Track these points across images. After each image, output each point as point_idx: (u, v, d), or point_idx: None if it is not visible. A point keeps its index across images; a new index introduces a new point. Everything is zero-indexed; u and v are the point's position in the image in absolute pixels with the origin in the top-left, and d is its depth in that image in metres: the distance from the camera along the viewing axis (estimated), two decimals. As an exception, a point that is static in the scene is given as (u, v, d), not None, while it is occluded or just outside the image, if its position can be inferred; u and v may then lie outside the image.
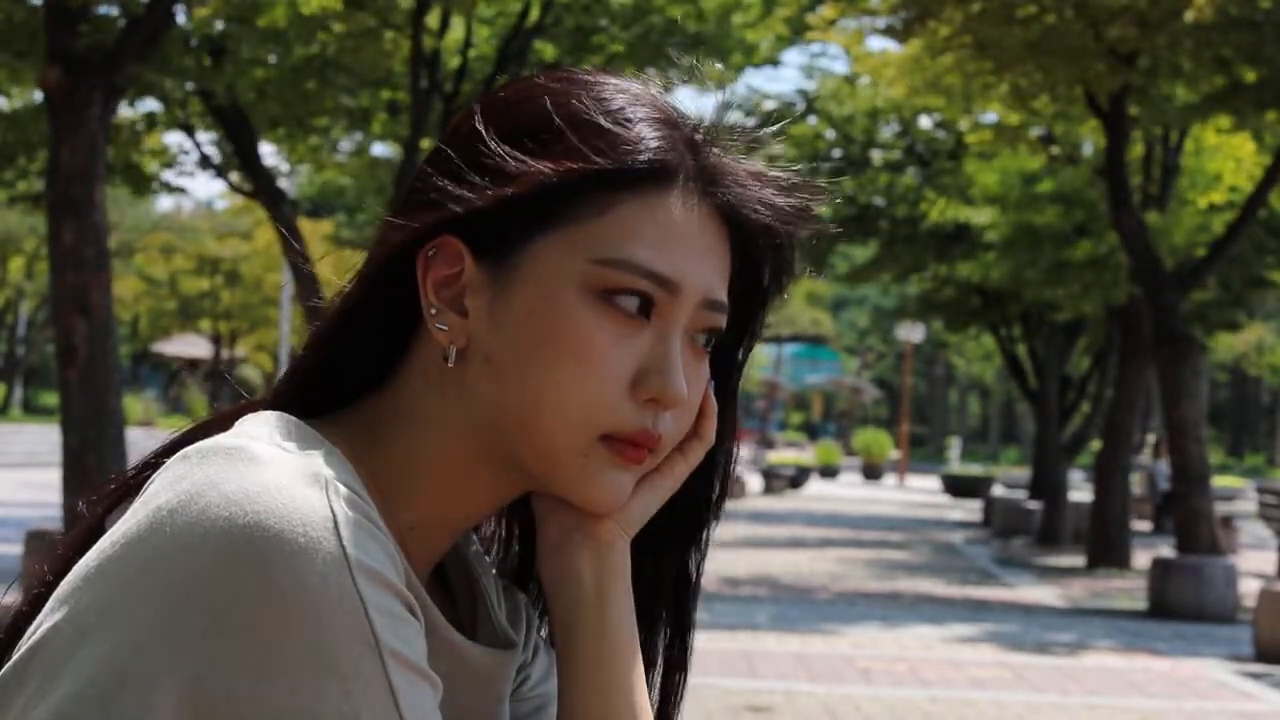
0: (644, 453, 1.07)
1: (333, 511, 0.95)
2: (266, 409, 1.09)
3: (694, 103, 1.13)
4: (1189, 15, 12.91)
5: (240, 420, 1.06)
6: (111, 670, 0.93)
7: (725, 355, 1.18)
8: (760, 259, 1.15)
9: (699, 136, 1.10)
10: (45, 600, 1.01)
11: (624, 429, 1.05)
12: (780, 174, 1.13)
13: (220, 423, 1.09)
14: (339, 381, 1.11)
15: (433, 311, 1.07)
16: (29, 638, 0.98)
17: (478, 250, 1.07)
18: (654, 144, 1.07)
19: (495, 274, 1.07)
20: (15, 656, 0.99)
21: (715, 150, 1.10)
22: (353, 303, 1.10)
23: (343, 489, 0.98)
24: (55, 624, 0.97)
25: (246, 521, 0.93)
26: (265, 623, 0.92)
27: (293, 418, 1.06)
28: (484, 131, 1.08)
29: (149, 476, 1.04)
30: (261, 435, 1.02)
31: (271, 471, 0.96)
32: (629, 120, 1.07)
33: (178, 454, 1.02)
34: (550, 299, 1.05)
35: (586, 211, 1.06)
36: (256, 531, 0.93)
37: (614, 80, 1.10)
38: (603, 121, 1.07)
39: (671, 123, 1.09)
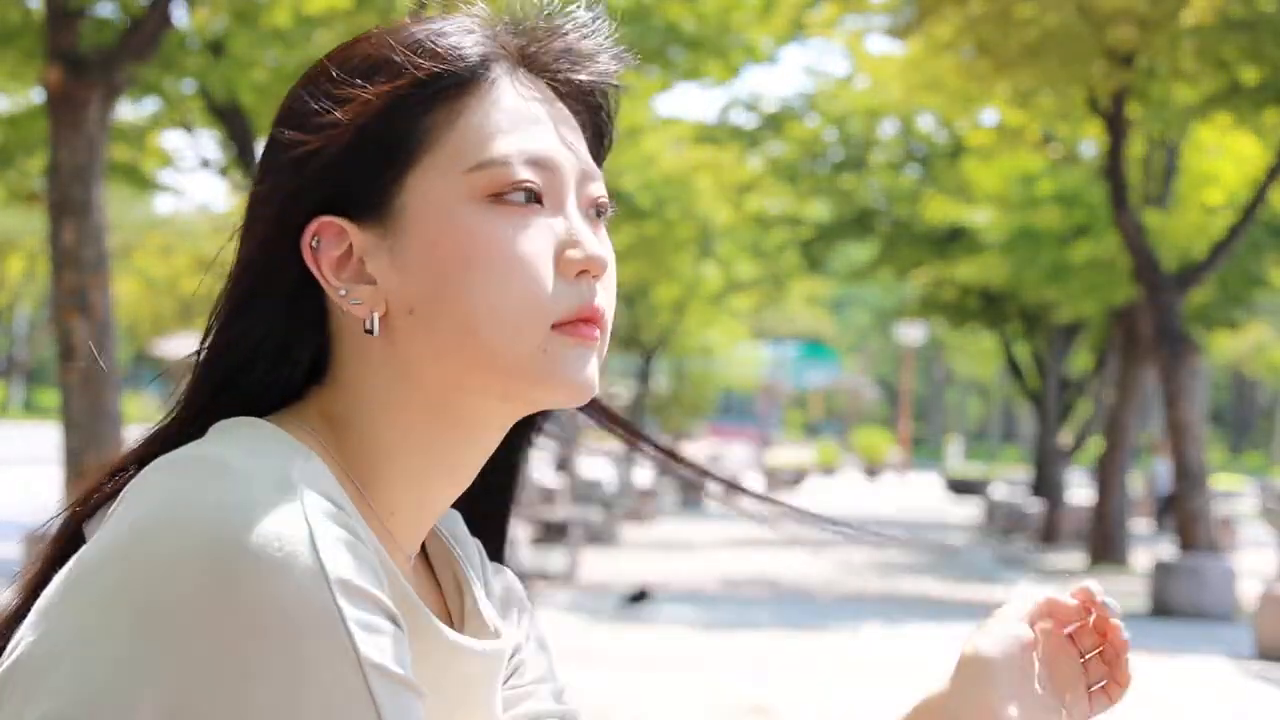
0: (594, 329, 1.07)
1: (308, 524, 0.94)
2: (208, 408, 1.07)
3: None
4: (1188, 18, 12.90)
5: (213, 428, 1.05)
6: (88, 689, 0.92)
7: None
8: (585, 115, 1.16)
9: (511, 28, 1.12)
10: (26, 611, 1.00)
11: (568, 310, 1.06)
12: (575, 20, 1.15)
13: (181, 424, 1.08)
14: (268, 374, 1.09)
15: (342, 294, 1.06)
16: (9, 654, 0.98)
17: (355, 217, 1.06)
18: (471, 43, 1.09)
19: (384, 229, 1.06)
20: (0, 670, 0.98)
21: (519, 33, 1.12)
22: (247, 295, 1.08)
23: (318, 498, 0.97)
24: (33, 641, 0.96)
25: (221, 537, 0.92)
26: (243, 640, 0.91)
27: (263, 422, 1.05)
28: (316, 82, 1.08)
29: (124, 482, 1.02)
30: (235, 444, 1.01)
31: (246, 484, 0.95)
32: (444, 34, 1.09)
33: (152, 464, 1.01)
34: (445, 223, 1.05)
35: (438, 130, 1.06)
36: (232, 548, 0.92)
37: (429, 16, 1.12)
38: (419, 42, 1.08)
39: (485, 24, 1.11)
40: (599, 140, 1.17)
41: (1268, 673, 10.76)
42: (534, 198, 1.06)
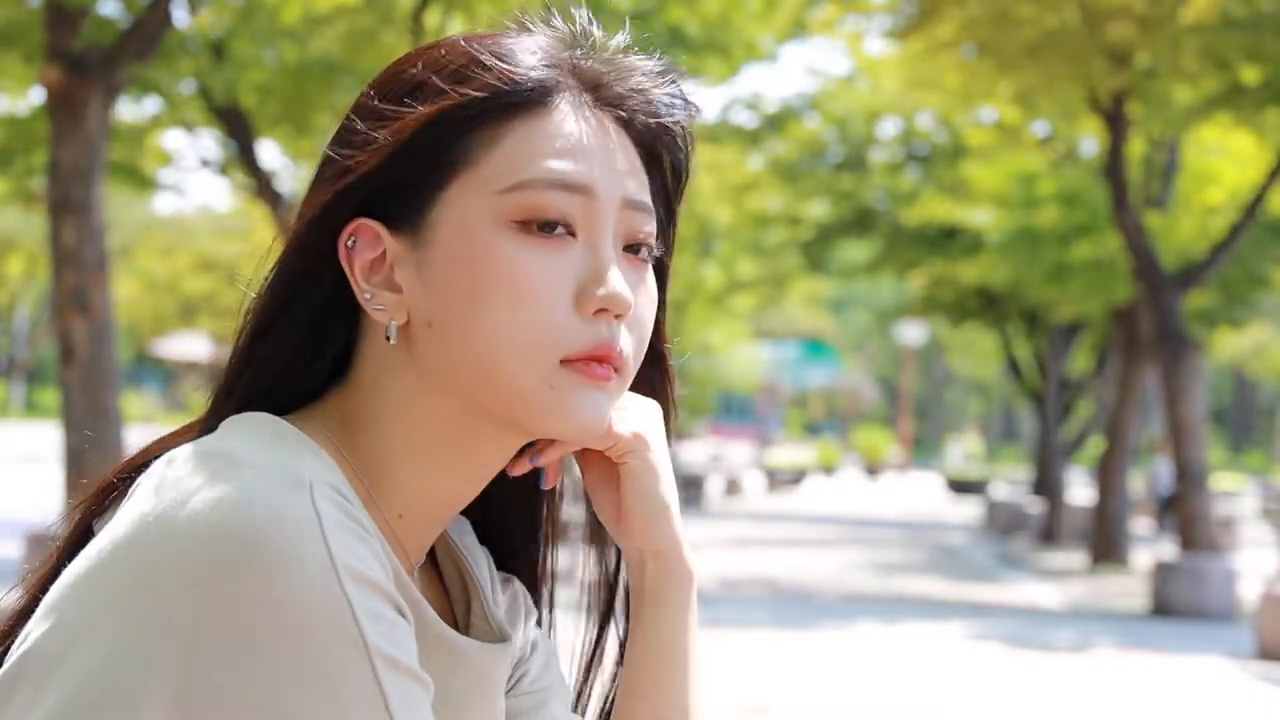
0: (609, 370, 1.06)
1: (318, 515, 0.95)
2: (235, 409, 1.08)
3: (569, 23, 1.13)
4: (1187, 17, 12.89)
5: (224, 423, 1.05)
6: (100, 679, 0.92)
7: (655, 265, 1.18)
8: (658, 155, 1.15)
9: (577, 53, 1.11)
10: (35, 606, 1.00)
11: (579, 348, 1.04)
12: (651, 63, 1.14)
13: (203, 426, 1.09)
14: (296, 376, 1.10)
15: (367, 296, 1.07)
16: (19, 646, 0.98)
17: (392, 224, 1.07)
18: (530, 66, 1.08)
19: (414, 240, 1.06)
20: (6, 665, 0.98)
21: (593, 62, 1.11)
22: (284, 298, 1.09)
23: (327, 491, 0.97)
24: (44, 632, 0.96)
25: (231, 528, 0.93)
26: (252, 628, 0.91)
27: (276, 418, 1.05)
28: (366, 102, 1.09)
29: (135, 479, 1.03)
30: (245, 438, 1.01)
31: (255, 476, 0.96)
32: (503, 54, 1.08)
33: (162, 458, 1.02)
34: (469, 243, 1.04)
35: (480, 150, 1.05)
36: (242, 537, 0.92)
37: (489, 32, 1.11)
38: (477, 60, 1.07)
39: (546, 49, 1.10)
40: (676, 179, 1.16)
41: (1268, 673, 10.76)
42: (566, 229, 1.05)
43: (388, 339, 1.06)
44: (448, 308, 1.05)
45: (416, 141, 1.05)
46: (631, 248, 1.09)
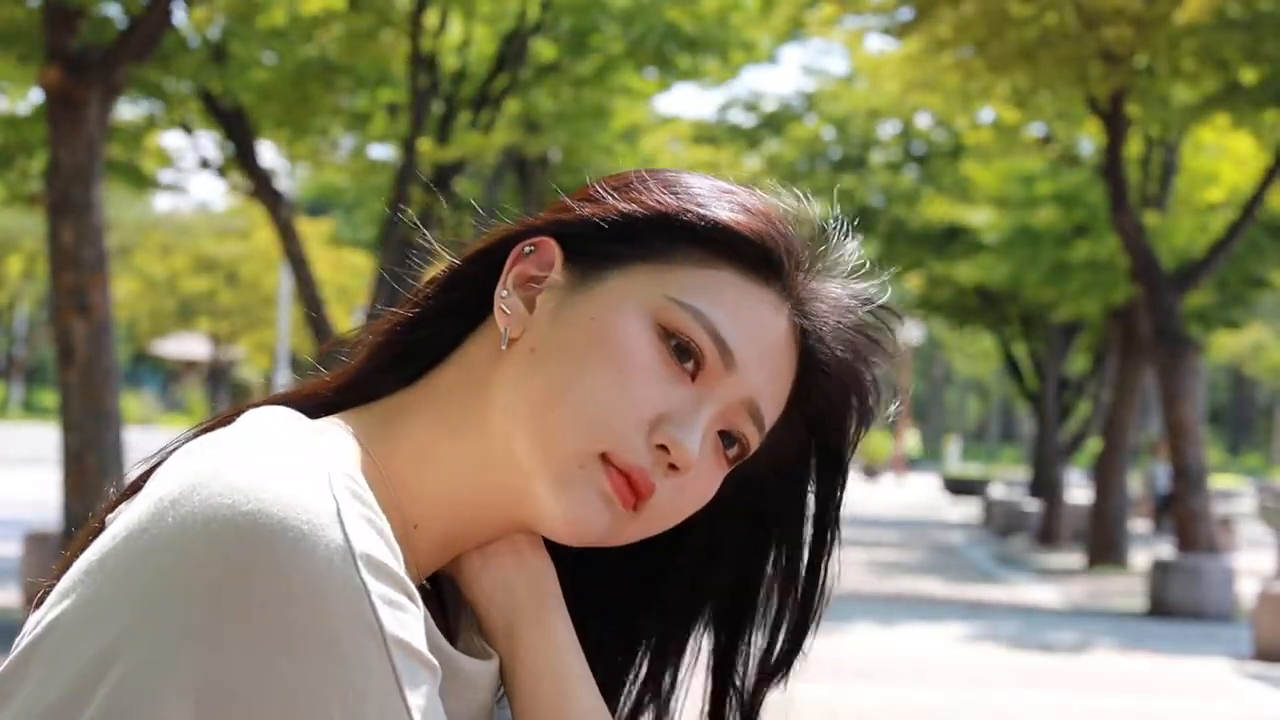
0: (631, 497, 1.07)
1: (335, 500, 0.96)
2: (351, 395, 1.11)
3: (796, 207, 1.17)
4: (1182, 17, 12.90)
5: (243, 417, 1.06)
6: (114, 660, 0.93)
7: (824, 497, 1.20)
8: (822, 397, 1.16)
9: (802, 258, 1.14)
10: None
11: (626, 456, 1.06)
12: (862, 305, 1.17)
13: (226, 419, 1.10)
14: (392, 376, 1.13)
15: (504, 294, 1.10)
16: (31, 630, 0.98)
17: (570, 260, 1.11)
18: (772, 241, 1.12)
19: (577, 281, 1.10)
20: (19, 649, 0.99)
21: (812, 276, 1.15)
22: (441, 300, 1.13)
23: (344, 479, 0.98)
24: (57, 616, 0.97)
25: (249, 509, 0.93)
26: (268, 608, 0.92)
27: (293, 411, 1.07)
28: (617, 177, 1.14)
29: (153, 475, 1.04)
30: (263, 428, 1.03)
31: (274, 461, 0.97)
32: (760, 214, 1.13)
33: (180, 450, 1.03)
34: (615, 312, 1.07)
35: (688, 263, 1.09)
36: (259, 518, 0.93)
37: (755, 185, 1.17)
38: (734, 200, 1.13)
39: (796, 246, 1.14)
40: (834, 424, 1.16)
41: (1266, 673, 10.77)
42: (693, 369, 1.08)
43: (501, 345, 1.09)
44: (558, 346, 1.07)
45: (647, 221, 1.10)
46: (727, 438, 1.11)
